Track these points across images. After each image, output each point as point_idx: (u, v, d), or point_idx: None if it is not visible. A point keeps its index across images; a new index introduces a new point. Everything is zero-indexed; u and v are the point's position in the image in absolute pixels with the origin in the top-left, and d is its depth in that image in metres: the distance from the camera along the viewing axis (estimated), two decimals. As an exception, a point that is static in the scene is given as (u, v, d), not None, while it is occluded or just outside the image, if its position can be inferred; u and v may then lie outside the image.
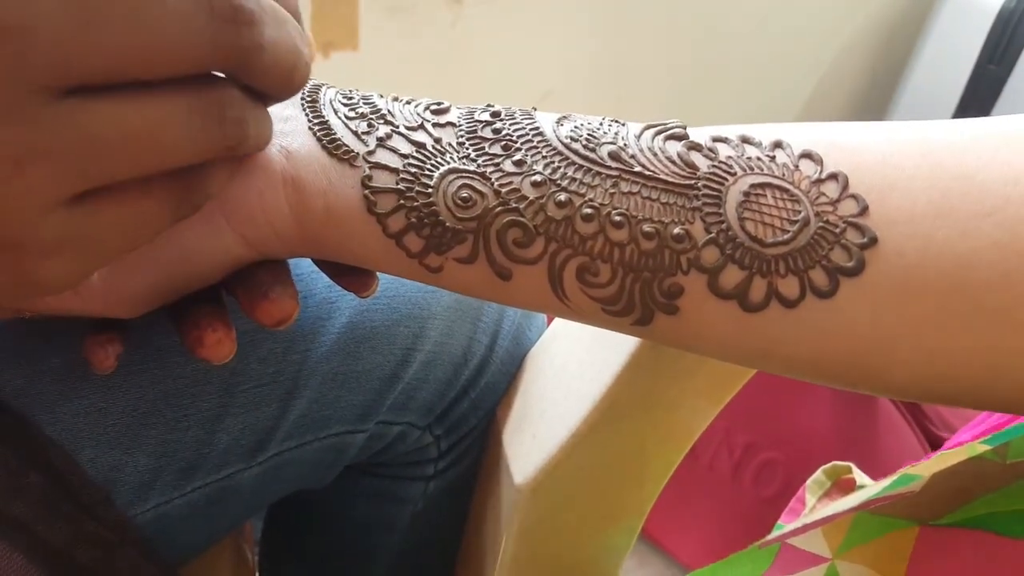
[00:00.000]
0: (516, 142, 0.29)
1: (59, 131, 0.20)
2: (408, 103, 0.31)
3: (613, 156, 0.28)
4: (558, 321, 0.50)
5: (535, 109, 0.30)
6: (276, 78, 0.23)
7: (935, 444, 0.86)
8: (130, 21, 0.19)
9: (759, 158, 0.27)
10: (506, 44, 1.13)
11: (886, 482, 0.37)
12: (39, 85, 0.19)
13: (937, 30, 1.35)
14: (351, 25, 0.98)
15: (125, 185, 0.22)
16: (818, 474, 0.51)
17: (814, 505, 0.49)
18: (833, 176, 0.27)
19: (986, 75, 1.27)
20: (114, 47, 0.19)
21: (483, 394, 0.49)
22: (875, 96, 1.56)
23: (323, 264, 0.33)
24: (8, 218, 0.20)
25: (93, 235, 0.22)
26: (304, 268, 0.41)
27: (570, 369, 0.45)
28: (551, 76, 1.22)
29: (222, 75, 0.23)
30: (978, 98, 1.29)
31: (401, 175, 0.28)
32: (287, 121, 0.29)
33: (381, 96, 0.31)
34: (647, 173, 0.27)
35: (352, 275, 0.32)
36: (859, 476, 0.49)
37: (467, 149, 0.29)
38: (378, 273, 0.32)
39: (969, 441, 0.43)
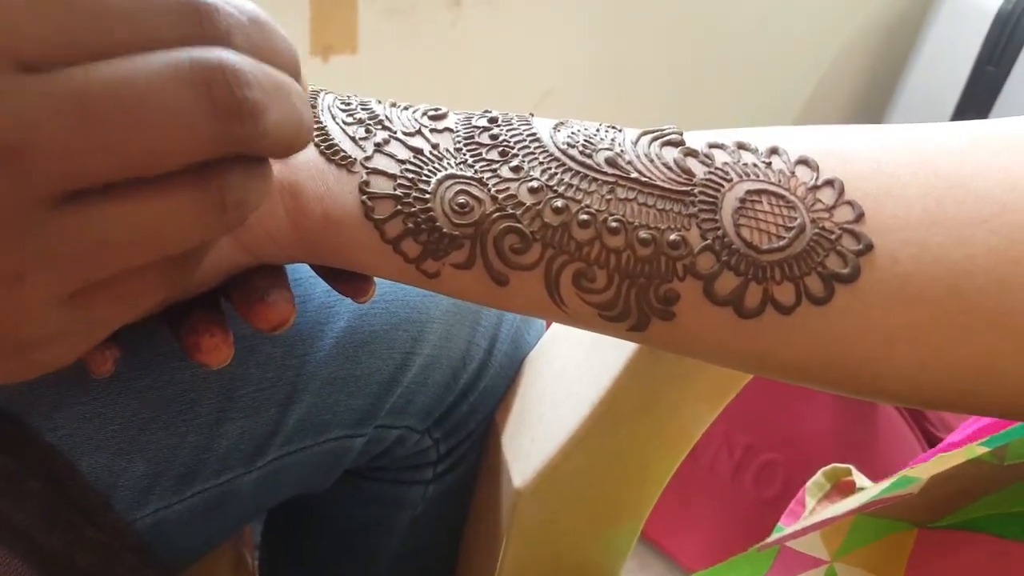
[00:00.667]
0: (513, 148, 0.29)
1: (59, 240, 0.19)
2: (406, 109, 0.31)
3: (610, 162, 0.28)
4: (557, 325, 0.50)
5: (532, 115, 0.30)
6: (279, 152, 0.23)
7: (935, 446, 0.86)
8: (129, 125, 0.19)
9: (755, 164, 0.27)
10: (506, 45, 1.13)
11: (885, 484, 0.37)
12: (39, 198, 0.19)
13: (935, 31, 1.35)
14: (350, 28, 0.98)
15: (122, 274, 0.22)
16: (818, 476, 0.51)
17: (814, 507, 0.49)
18: (829, 183, 0.27)
19: (984, 76, 1.27)
20: (113, 153, 0.19)
21: (482, 397, 0.49)
22: (874, 97, 1.56)
23: (320, 269, 0.33)
24: (8, 322, 0.20)
25: (91, 322, 0.22)
26: (302, 273, 0.41)
27: (569, 372, 0.45)
28: (551, 76, 1.22)
29: None
30: (976, 99, 1.29)
31: (399, 181, 0.28)
32: None
33: (379, 102, 0.31)
34: (643, 179, 0.27)
35: (349, 280, 0.32)
36: (859, 478, 0.49)
37: (464, 155, 0.29)
38: (376, 278, 0.32)
39: (962, 440, 0.43)
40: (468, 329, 0.46)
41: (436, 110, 0.31)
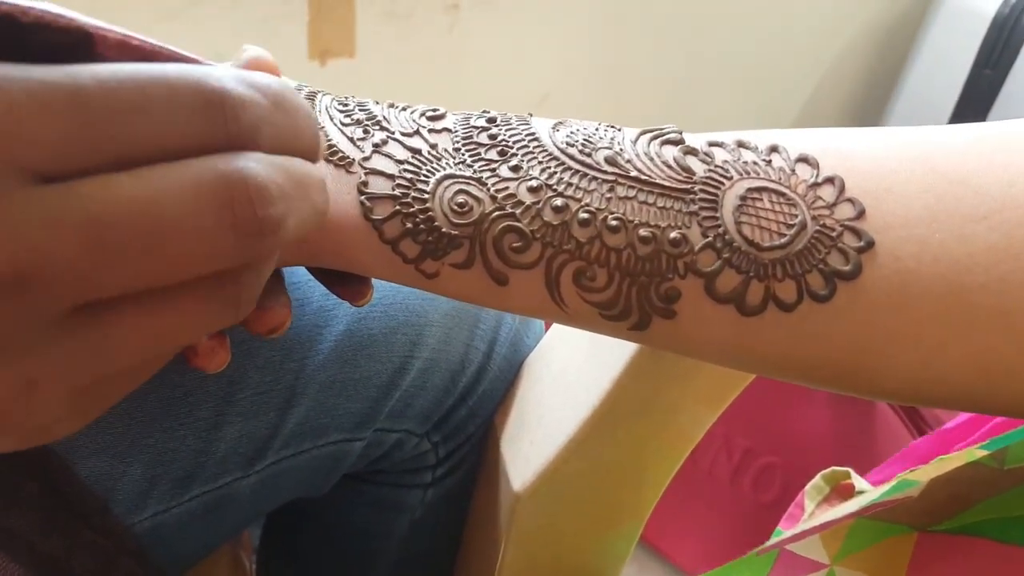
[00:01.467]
0: (512, 147, 0.29)
1: (72, 351, 0.19)
2: (404, 109, 0.31)
3: (609, 161, 0.28)
4: (556, 327, 0.49)
5: (531, 115, 0.30)
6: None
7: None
8: (148, 248, 0.18)
9: (755, 162, 0.27)
10: (503, 48, 1.13)
11: (885, 488, 0.37)
12: (51, 316, 0.18)
13: (933, 35, 1.35)
14: (348, 32, 0.98)
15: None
16: (817, 479, 0.51)
17: (813, 511, 0.49)
18: (830, 180, 0.26)
19: (982, 79, 1.27)
20: (130, 273, 0.18)
21: (481, 401, 0.49)
22: (872, 100, 1.57)
23: (317, 273, 0.33)
24: (19, 418, 0.20)
25: (97, 403, 0.22)
26: (300, 276, 0.41)
27: (568, 375, 0.45)
28: (549, 79, 1.22)
29: None
30: (974, 102, 1.29)
31: (397, 181, 0.28)
32: None
33: (377, 103, 0.31)
34: (643, 178, 0.27)
35: (347, 284, 0.32)
36: (858, 481, 0.49)
37: (463, 155, 0.29)
38: (374, 281, 0.32)
39: (958, 430, 0.43)
40: (467, 332, 0.46)
41: (434, 111, 0.31)
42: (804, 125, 1.52)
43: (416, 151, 0.29)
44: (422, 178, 0.28)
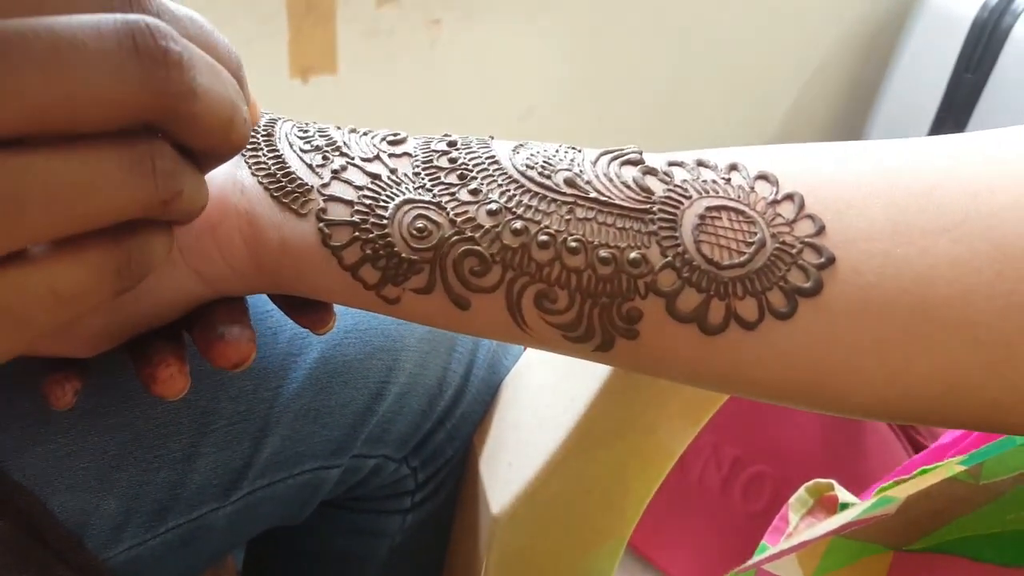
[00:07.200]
0: (472, 171, 0.29)
1: None
2: (365, 134, 0.31)
3: (568, 182, 0.28)
4: (532, 349, 0.49)
5: (492, 137, 0.30)
6: (211, 131, 0.22)
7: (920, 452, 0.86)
8: (48, 69, 0.18)
9: (714, 181, 0.27)
10: (486, 64, 1.14)
11: (865, 504, 0.36)
12: None
13: (914, 40, 1.36)
14: (329, 48, 0.98)
15: (55, 250, 0.21)
16: (800, 492, 0.50)
17: (797, 524, 0.49)
18: (789, 197, 0.26)
19: (963, 84, 1.28)
20: (32, 97, 0.18)
21: (459, 424, 0.49)
22: (855, 106, 1.57)
23: (279, 301, 0.33)
24: None
25: (20, 304, 0.21)
26: (273, 304, 0.41)
27: (544, 396, 0.45)
28: (532, 95, 1.22)
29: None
30: (956, 106, 1.30)
31: (356, 207, 0.28)
32: (241, 156, 0.29)
33: (338, 128, 0.31)
34: (602, 199, 0.27)
35: (308, 312, 0.32)
36: (841, 493, 0.49)
37: (423, 179, 0.29)
38: (344, 309, 0.32)
39: (950, 449, 0.43)
40: (444, 356, 0.46)
41: (395, 135, 0.30)
42: (787, 133, 1.53)
43: (376, 176, 0.29)
44: (381, 203, 0.28)
